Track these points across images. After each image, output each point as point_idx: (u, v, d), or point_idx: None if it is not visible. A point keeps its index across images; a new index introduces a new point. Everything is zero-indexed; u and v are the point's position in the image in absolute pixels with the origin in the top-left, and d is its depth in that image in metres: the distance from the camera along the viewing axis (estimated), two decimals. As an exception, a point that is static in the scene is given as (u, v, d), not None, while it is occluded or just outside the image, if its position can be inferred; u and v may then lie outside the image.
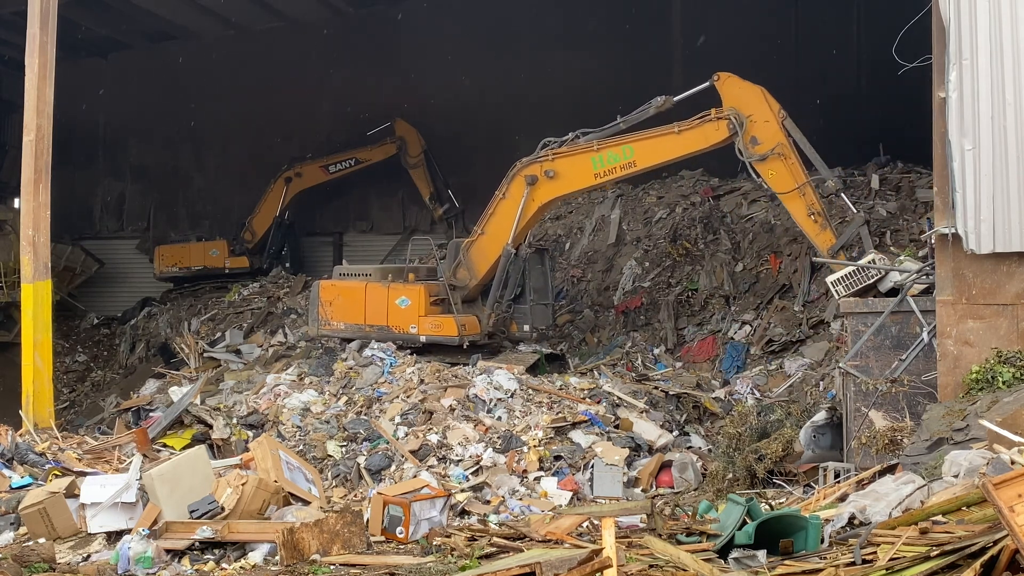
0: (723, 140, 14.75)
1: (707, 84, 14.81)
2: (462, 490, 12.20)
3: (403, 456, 13.21)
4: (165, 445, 13.71)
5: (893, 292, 11.81)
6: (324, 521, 8.87)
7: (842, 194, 15.26)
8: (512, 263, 16.70)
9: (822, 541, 7.54)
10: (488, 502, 12.16)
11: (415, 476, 12.23)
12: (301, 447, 13.72)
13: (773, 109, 14.49)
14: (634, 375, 17.36)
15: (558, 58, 25.50)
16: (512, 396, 14.64)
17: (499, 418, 14.10)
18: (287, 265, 26.98)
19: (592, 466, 12.97)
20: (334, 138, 27.68)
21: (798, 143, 14.44)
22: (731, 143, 14.75)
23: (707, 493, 12.10)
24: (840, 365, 11.76)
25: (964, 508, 7.53)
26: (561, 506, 12.08)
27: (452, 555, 8.67)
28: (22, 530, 10.10)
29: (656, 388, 16.51)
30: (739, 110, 14.56)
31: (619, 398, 15.30)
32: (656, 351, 19.17)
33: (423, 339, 16.64)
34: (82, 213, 30.41)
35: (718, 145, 14.88)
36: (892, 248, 16.67)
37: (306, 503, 10.41)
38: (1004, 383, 9.78)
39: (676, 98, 15.16)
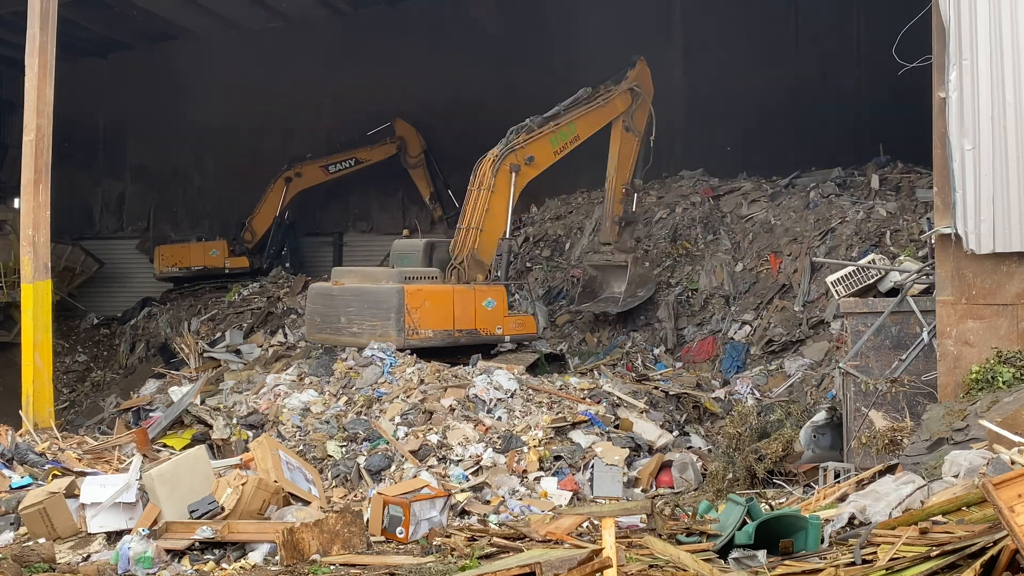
0: (626, 109, 18.95)
1: (627, 68, 19.09)
2: (462, 490, 12.17)
3: (403, 456, 13.19)
4: (165, 445, 13.69)
5: (893, 292, 11.79)
6: (324, 521, 8.86)
7: (635, 195, 19.79)
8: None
9: (822, 541, 7.54)
10: (488, 502, 12.13)
11: (415, 476, 12.20)
12: (301, 447, 13.69)
13: (649, 111, 19.21)
14: (634, 375, 17.36)
15: (558, 58, 25.50)
16: (512, 396, 14.61)
17: (499, 418, 14.07)
18: (287, 265, 26.97)
19: (592, 466, 12.94)
20: (334, 138, 27.67)
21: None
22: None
23: (707, 493, 12.08)
24: (840, 365, 11.74)
25: (964, 508, 7.51)
26: (561, 506, 12.05)
27: (452, 555, 8.66)
28: (22, 530, 10.09)
29: (656, 388, 16.50)
30: (643, 89, 19.04)
31: (619, 398, 15.28)
32: (656, 351, 19.17)
33: (508, 339, 17.00)
34: (82, 213, 30.43)
35: (621, 114, 19.00)
36: (892, 248, 16.67)
37: (306, 503, 10.40)
38: (1004, 383, 9.77)
39: (591, 87, 18.68)
